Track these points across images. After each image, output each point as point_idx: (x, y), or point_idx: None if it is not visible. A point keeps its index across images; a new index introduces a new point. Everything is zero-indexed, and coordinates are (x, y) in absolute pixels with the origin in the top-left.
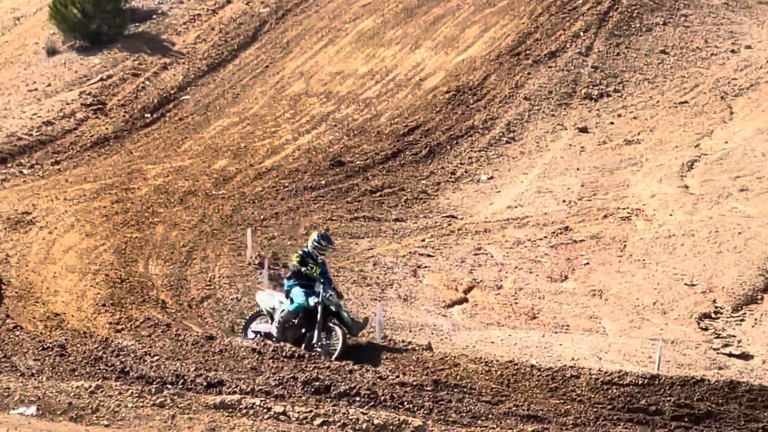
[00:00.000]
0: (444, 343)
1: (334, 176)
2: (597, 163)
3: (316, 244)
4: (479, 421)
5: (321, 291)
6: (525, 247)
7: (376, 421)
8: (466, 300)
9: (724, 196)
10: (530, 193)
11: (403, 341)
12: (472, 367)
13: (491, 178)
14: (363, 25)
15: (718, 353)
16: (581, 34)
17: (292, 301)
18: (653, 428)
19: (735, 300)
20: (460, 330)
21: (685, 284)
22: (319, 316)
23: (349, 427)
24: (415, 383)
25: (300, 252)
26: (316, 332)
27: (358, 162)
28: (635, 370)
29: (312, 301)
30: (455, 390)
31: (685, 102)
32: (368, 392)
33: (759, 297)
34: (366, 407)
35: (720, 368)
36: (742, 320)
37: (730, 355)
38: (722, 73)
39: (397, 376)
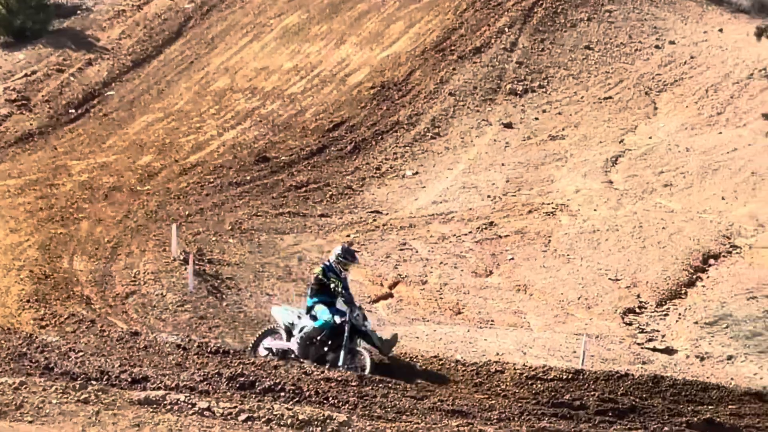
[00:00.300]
0: None
1: (259, 172)
2: (522, 158)
3: (341, 259)
4: (404, 416)
5: (348, 310)
6: (450, 242)
7: (301, 417)
8: (391, 295)
9: (648, 192)
10: (455, 188)
11: None
12: (397, 361)
13: (416, 173)
14: (288, 21)
15: (642, 348)
16: (506, 29)
17: (314, 318)
18: (577, 423)
19: (659, 295)
20: (385, 325)
21: (610, 279)
22: (345, 336)
23: (274, 422)
24: (340, 378)
25: (322, 266)
26: (342, 353)
27: (283, 158)
28: (560, 365)
29: (338, 319)
30: (380, 385)
31: (610, 97)
32: (293, 388)
33: (683, 292)
34: (291, 403)
35: (644, 363)
36: (665, 315)
37: (654, 349)
38: (646, 69)
39: (322, 372)
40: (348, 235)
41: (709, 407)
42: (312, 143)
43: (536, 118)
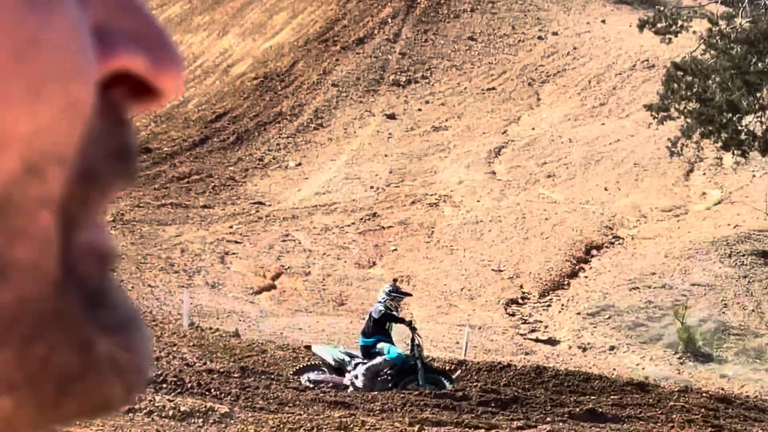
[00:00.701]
0: (251, 330)
1: (141, 163)
2: (405, 149)
3: (394, 294)
4: (286, 408)
5: (418, 345)
6: (333, 233)
7: (182, 408)
8: (273, 287)
9: (532, 182)
10: (338, 179)
11: (210, 328)
12: (280, 353)
13: (299, 164)
14: (170, 11)
15: (524, 338)
16: (389, 20)
17: (380, 354)
18: (460, 413)
19: (541, 285)
20: (267, 317)
21: (493, 270)
22: (419, 366)
23: (156, 414)
24: (222, 370)
25: (385, 306)
26: (420, 380)
27: (166, 148)
28: (442, 356)
29: (407, 354)
30: (262, 377)
31: (493, 88)
32: (175, 379)
33: (565, 282)
34: (173, 394)
35: (526, 353)
36: (548, 306)
37: (537, 340)
38: (529, 60)
39: (204, 363)
40: (230, 226)
41: (592, 398)
42: (194, 134)
43: (419, 109)
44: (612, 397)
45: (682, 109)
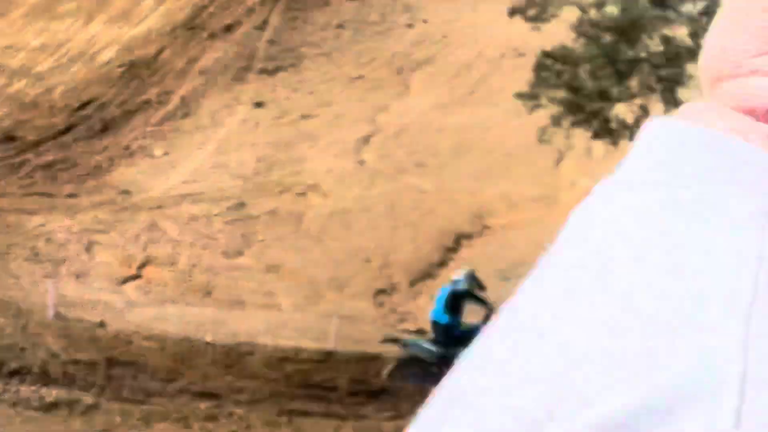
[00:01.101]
0: (118, 321)
1: (5, 152)
2: (273, 138)
3: (478, 283)
4: (153, 399)
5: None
6: (200, 223)
7: (47, 400)
8: (140, 277)
9: (401, 172)
10: (205, 168)
11: (76, 318)
12: (146, 344)
13: (166, 153)
14: None
15: (394, 329)
16: (256, 7)
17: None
18: (329, 404)
19: (411, 275)
20: (134, 307)
21: (362, 260)
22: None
23: (20, 405)
24: (88, 361)
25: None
26: None
27: (31, 137)
28: (311, 347)
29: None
30: (129, 367)
31: (362, 76)
32: (40, 370)
33: (435, 272)
34: (38, 385)
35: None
36: (418, 295)
37: (406, 331)
38: (399, 48)
39: (70, 354)
40: (96, 216)
41: None
42: (60, 122)
43: (287, 98)
44: None
45: (552, 97)
